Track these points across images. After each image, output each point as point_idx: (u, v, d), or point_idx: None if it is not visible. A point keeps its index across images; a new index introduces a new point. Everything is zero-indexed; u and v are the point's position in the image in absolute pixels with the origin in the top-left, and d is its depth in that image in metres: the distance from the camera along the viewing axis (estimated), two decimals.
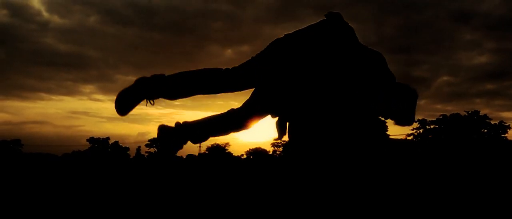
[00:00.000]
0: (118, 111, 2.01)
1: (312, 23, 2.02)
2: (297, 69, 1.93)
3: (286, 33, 2.03)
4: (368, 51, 1.99)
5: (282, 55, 1.97)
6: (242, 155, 66.53)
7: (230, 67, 2.03)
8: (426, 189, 8.31)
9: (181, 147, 2.14)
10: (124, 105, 2.00)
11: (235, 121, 2.08)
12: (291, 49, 1.96)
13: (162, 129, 2.14)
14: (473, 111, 44.31)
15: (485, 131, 43.74)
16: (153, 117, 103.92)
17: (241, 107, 2.10)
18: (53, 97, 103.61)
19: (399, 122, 2.00)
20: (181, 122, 2.14)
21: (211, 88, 2.02)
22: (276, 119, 2.08)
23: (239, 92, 2.07)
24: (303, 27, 2.02)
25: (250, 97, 2.10)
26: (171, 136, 2.11)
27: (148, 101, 2.02)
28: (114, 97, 2.01)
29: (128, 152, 64.57)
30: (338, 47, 1.93)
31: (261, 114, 2.09)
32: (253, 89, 2.09)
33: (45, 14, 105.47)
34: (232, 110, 2.11)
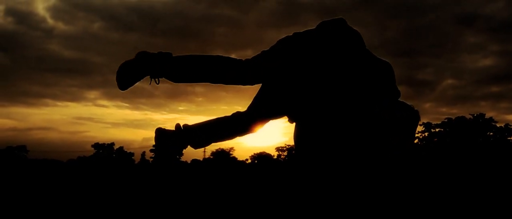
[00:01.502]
0: (119, 85, 1.85)
1: (319, 24, 1.97)
2: (304, 70, 1.89)
3: (295, 31, 1.97)
4: (376, 59, 1.97)
5: (290, 53, 1.91)
6: (247, 159, 66.33)
7: (243, 59, 1.91)
8: (432, 192, 8.27)
9: (180, 152, 2.00)
10: (125, 79, 1.84)
11: (240, 124, 1.97)
12: (299, 48, 1.91)
13: (160, 132, 1.96)
14: (478, 114, 44.09)
15: (491, 134, 43.46)
16: (157, 122, 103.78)
17: (246, 110, 1.99)
18: (58, 103, 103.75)
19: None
20: (181, 124, 1.97)
21: (219, 77, 1.89)
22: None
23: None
24: (312, 28, 1.97)
25: (254, 99, 2.04)
26: (169, 139, 1.94)
27: (152, 79, 1.85)
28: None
29: (133, 158, 64.63)
30: (346, 50, 1.91)
31: (266, 116, 2.01)
32: (259, 90, 2.02)
33: (50, 21, 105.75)
34: (237, 113, 2.00)
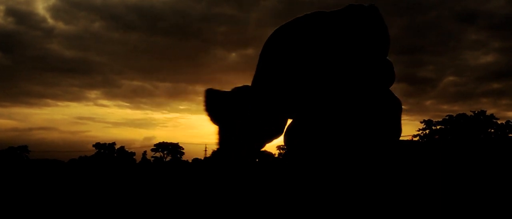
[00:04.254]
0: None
1: (347, 6, 1.85)
2: (317, 55, 1.80)
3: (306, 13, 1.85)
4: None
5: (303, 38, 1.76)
6: None
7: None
8: (433, 190, 8.27)
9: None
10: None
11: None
12: (318, 33, 1.78)
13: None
14: (479, 110, 44.04)
15: (492, 130, 43.43)
16: (158, 122, 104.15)
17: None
18: (59, 103, 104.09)
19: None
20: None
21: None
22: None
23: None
24: (339, 9, 1.82)
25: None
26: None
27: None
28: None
29: (134, 157, 64.58)
30: (371, 45, 1.85)
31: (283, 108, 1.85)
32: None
33: (50, 20, 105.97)
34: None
